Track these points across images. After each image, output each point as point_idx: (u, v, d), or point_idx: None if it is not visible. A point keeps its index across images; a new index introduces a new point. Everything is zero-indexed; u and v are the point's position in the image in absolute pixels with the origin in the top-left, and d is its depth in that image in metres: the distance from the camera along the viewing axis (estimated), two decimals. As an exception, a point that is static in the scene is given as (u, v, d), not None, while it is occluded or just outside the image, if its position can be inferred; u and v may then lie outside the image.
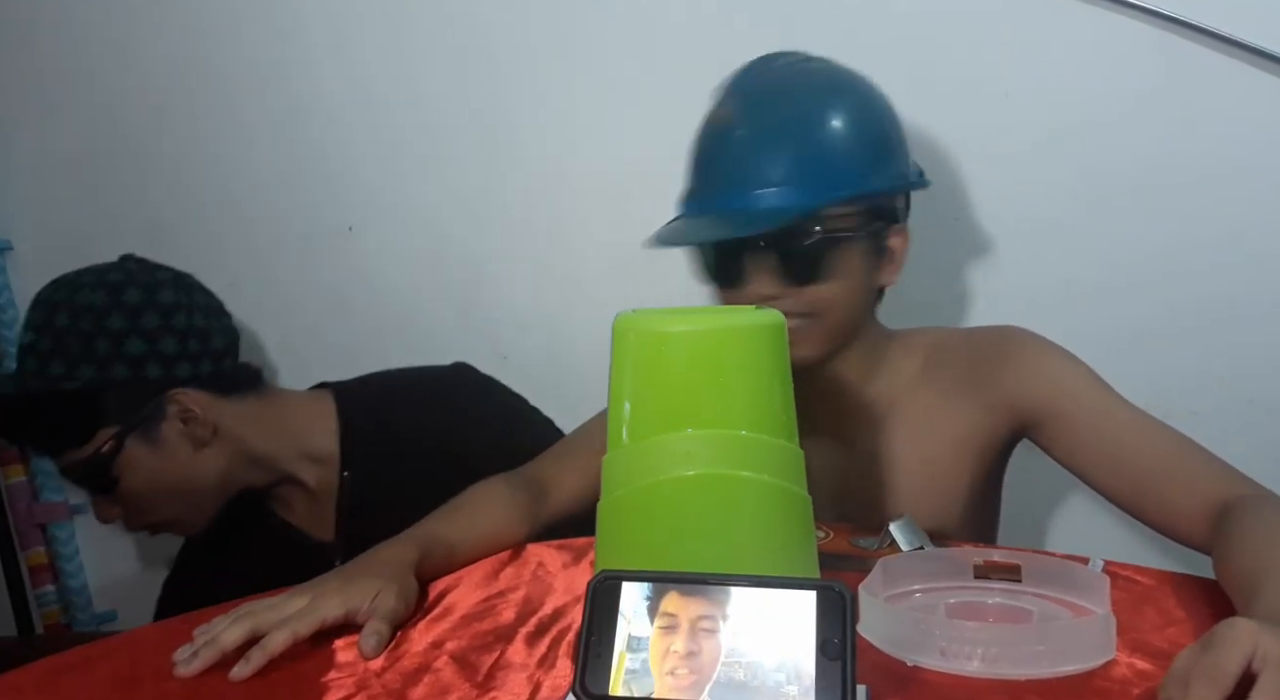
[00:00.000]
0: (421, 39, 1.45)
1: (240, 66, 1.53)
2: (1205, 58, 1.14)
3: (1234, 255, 1.17)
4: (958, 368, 1.00)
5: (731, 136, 0.95)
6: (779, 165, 0.92)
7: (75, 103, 1.61)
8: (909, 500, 1.00)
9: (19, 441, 1.17)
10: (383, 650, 0.76)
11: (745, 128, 0.94)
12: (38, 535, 1.70)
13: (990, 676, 0.65)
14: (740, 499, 0.66)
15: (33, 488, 1.70)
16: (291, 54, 1.49)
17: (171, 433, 1.17)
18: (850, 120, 0.95)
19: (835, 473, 1.02)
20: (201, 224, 1.59)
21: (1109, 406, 0.92)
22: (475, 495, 1.00)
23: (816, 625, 0.55)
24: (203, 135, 1.57)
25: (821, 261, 0.93)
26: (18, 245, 1.66)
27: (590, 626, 0.57)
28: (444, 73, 1.43)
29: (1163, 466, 0.87)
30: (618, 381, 0.69)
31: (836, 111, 0.95)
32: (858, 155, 0.94)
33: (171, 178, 1.58)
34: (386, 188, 1.50)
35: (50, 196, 1.65)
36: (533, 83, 1.39)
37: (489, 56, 1.41)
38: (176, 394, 1.16)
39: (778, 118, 0.94)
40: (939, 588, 0.79)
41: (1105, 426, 0.91)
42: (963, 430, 0.99)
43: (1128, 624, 0.71)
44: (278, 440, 1.23)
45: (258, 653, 0.73)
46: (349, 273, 1.51)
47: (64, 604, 1.73)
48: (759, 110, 0.95)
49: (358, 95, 1.48)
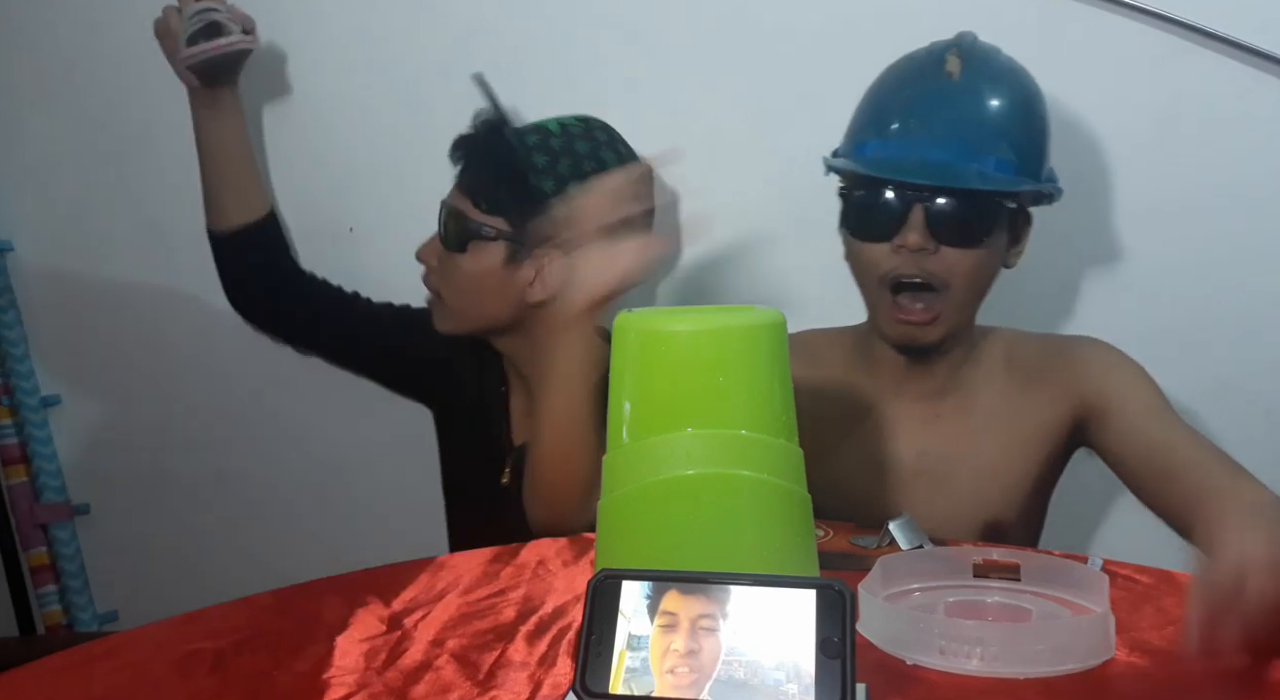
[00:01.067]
0: (423, 39, 1.45)
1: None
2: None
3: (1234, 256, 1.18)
4: (1035, 365, 1.07)
5: (957, 96, 1.01)
6: (998, 137, 0.99)
7: (75, 103, 1.60)
8: (979, 486, 1.06)
9: (475, 174, 1.24)
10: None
11: (972, 92, 1.01)
12: (39, 535, 1.70)
13: (989, 675, 0.65)
14: (740, 498, 0.67)
15: (34, 488, 1.70)
16: (292, 54, 1.49)
17: (525, 271, 1.22)
18: (1044, 109, 1.04)
19: (914, 449, 1.08)
20: (202, 225, 1.58)
21: (1166, 417, 0.98)
22: None
23: (816, 624, 0.55)
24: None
25: (978, 226, 0.99)
26: (18, 245, 1.66)
27: (590, 625, 0.57)
28: (445, 73, 1.43)
29: (1208, 484, 0.89)
30: (617, 381, 0.69)
31: (1041, 104, 1.04)
32: (1044, 142, 1.04)
33: (172, 178, 1.58)
34: (388, 189, 1.50)
35: (50, 196, 1.65)
36: (534, 83, 1.39)
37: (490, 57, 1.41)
38: (556, 255, 1.19)
39: (1006, 94, 1.02)
40: (938, 587, 0.79)
41: (1160, 432, 0.96)
42: (1033, 426, 1.06)
43: (1127, 623, 0.71)
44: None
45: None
46: (350, 274, 1.51)
47: (65, 604, 1.73)
48: (989, 81, 1.02)
49: (359, 96, 1.48)
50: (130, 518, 1.71)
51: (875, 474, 1.08)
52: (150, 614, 0.83)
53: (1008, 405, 1.07)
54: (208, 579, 1.32)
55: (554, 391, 1.06)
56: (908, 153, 1.00)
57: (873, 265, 1.02)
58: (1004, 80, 1.03)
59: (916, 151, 0.99)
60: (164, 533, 1.70)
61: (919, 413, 1.09)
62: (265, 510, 1.65)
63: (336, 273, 1.45)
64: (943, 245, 0.99)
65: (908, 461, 1.08)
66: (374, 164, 1.50)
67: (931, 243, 0.98)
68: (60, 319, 1.68)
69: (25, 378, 1.67)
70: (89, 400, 1.70)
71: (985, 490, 1.06)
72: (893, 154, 1.01)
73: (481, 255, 1.22)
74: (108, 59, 1.57)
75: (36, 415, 1.68)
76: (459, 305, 1.27)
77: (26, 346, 1.67)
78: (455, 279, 1.25)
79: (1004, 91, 1.02)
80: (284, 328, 1.45)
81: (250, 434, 1.64)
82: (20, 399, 1.67)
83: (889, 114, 1.03)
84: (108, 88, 1.59)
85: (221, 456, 1.65)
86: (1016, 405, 1.07)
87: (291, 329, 1.45)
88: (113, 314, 1.66)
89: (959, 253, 0.99)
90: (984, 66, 1.02)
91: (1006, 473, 1.06)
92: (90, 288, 1.66)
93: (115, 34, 1.56)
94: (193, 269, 1.56)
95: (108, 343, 1.67)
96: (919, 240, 0.98)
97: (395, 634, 0.78)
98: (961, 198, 0.98)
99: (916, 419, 1.09)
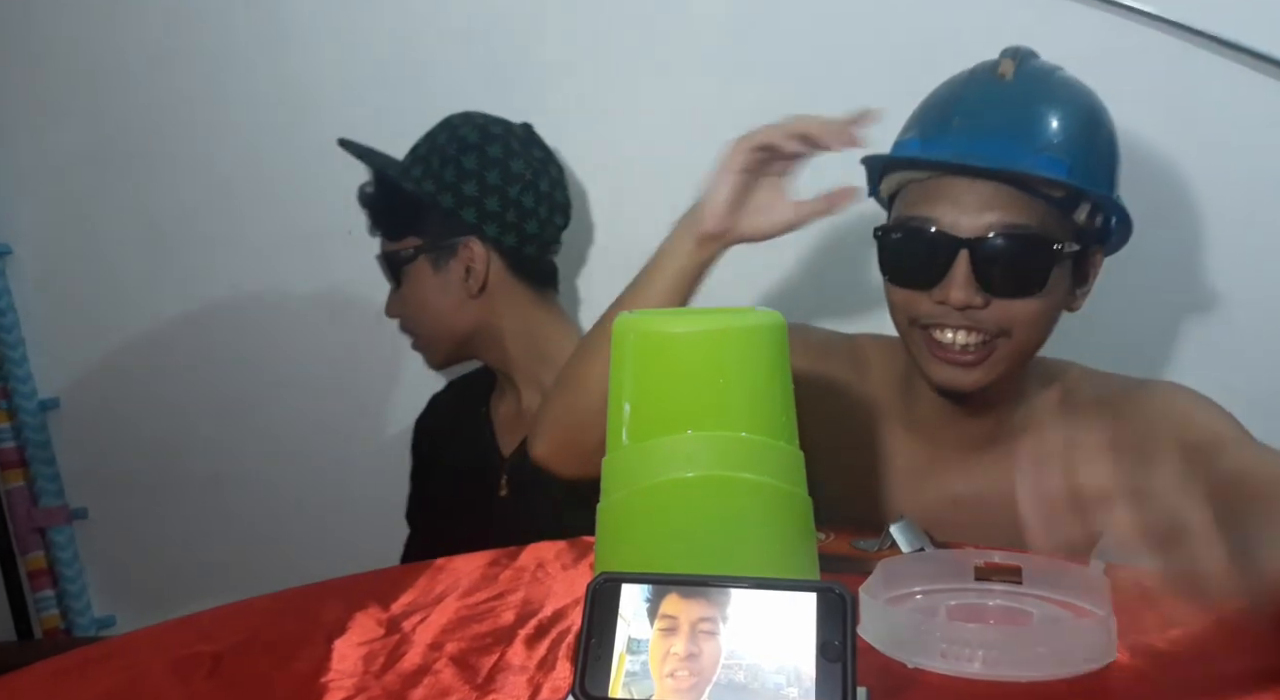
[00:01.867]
0: (424, 39, 1.45)
1: (241, 68, 1.53)
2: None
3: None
4: (1098, 408, 0.95)
5: (1009, 93, 0.92)
6: (1052, 136, 0.89)
7: (74, 105, 1.61)
8: (1017, 542, 0.96)
9: (373, 212, 1.34)
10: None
11: (1026, 91, 0.92)
12: (37, 540, 1.70)
13: (991, 678, 0.65)
14: (741, 501, 0.66)
15: (32, 492, 1.70)
16: (293, 54, 1.50)
17: (453, 270, 1.29)
18: (1109, 130, 0.94)
19: (946, 497, 0.98)
20: (202, 227, 1.59)
21: (1254, 460, 0.82)
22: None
23: (817, 627, 0.55)
24: (203, 138, 1.57)
25: (1039, 273, 0.88)
26: (17, 249, 1.66)
27: (590, 628, 0.57)
28: (445, 73, 1.43)
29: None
30: (617, 382, 0.69)
31: (1107, 124, 0.94)
32: (1109, 163, 0.93)
33: (171, 181, 1.58)
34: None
35: (50, 198, 1.65)
36: (536, 85, 1.39)
37: (491, 57, 1.41)
38: (472, 243, 1.27)
39: (1063, 99, 0.92)
40: (939, 589, 0.79)
41: (1242, 478, 0.79)
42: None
43: (1128, 626, 0.71)
44: (524, 338, 1.31)
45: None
46: (350, 276, 1.51)
47: (63, 609, 1.73)
48: (1044, 84, 0.93)
49: (359, 96, 1.48)
50: (128, 522, 1.71)
51: (891, 516, 0.97)
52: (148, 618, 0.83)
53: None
54: (206, 582, 1.32)
55: (634, 286, 0.97)
56: (950, 148, 0.90)
57: (909, 309, 0.92)
58: (1061, 87, 0.93)
59: (960, 146, 0.89)
60: (162, 537, 1.70)
61: (958, 458, 0.99)
62: (263, 514, 1.65)
63: (337, 273, 1.46)
64: (995, 297, 0.88)
65: (938, 511, 0.97)
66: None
67: (980, 296, 0.87)
68: (60, 321, 1.68)
69: (24, 381, 1.67)
70: (88, 404, 1.70)
71: (1024, 547, 0.96)
72: (933, 151, 0.91)
73: (415, 279, 1.30)
74: (108, 63, 1.58)
75: (35, 419, 1.68)
76: (428, 333, 1.33)
77: (25, 349, 1.67)
78: (411, 311, 1.33)
79: (1061, 97, 0.92)
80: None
81: (250, 436, 1.64)
82: (19, 402, 1.67)
83: (933, 112, 0.94)
84: (108, 91, 1.59)
85: (220, 459, 1.64)
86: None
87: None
88: (113, 316, 1.66)
89: (1024, 301, 0.88)
90: (1039, 71, 0.94)
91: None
92: (90, 289, 1.66)
93: (116, 38, 1.56)
94: (192, 270, 1.57)
95: (107, 345, 1.67)
96: (963, 297, 0.87)
97: (394, 637, 0.78)
98: (1016, 241, 0.87)
99: (955, 465, 0.99)
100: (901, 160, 0.94)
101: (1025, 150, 0.88)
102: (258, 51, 1.49)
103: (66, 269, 1.67)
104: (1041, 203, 0.88)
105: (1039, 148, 0.88)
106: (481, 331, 1.31)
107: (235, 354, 1.60)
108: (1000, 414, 0.97)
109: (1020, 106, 0.91)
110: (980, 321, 0.89)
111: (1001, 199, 0.88)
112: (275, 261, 1.57)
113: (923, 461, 0.99)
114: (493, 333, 1.31)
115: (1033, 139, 0.88)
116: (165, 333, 1.64)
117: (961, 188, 0.89)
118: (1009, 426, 0.97)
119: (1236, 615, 0.60)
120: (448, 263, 1.28)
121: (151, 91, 1.55)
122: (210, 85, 1.55)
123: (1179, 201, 1.21)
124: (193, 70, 1.55)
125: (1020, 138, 0.88)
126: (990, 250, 0.87)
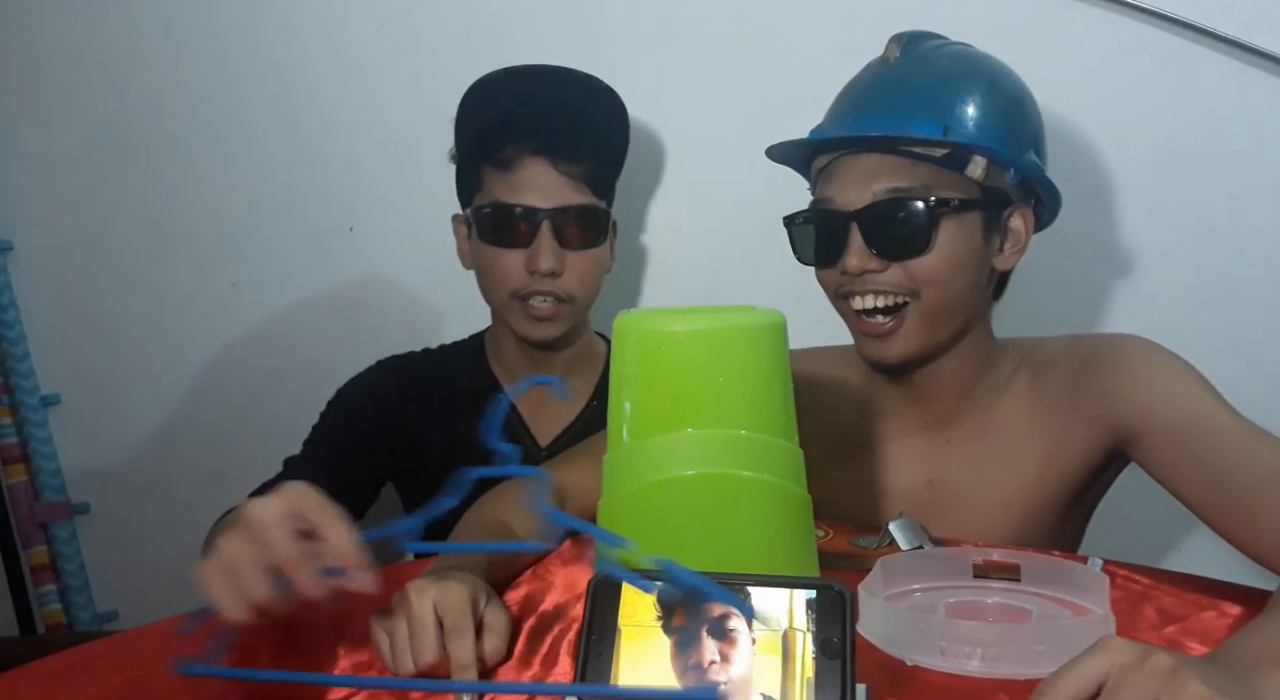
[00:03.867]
0: (424, 38, 1.45)
1: (242, 67, 1.53)
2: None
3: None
4: (1061, 377, 0.96)
5: (888, 74, 0.96)
6: (925, 102, 0.92)
7: (76, 103, 1.61)
8: (995, 517, 0.97)
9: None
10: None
11: (903, 69, 0.96)
12: (39, 534, 1.70)
13: (990, 676, 0.65)
14: (740, 498, 0.67)
15: (34, 487, 1.70)
16: (294, 54, 1.49)
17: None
18: (1008, 93, 0.96)
19: (920, 480, 1.00)
20: (203, 225, 1.59)
21: (1214, 420, 0.84)
22: (490, 514, 0.93)
23: (816, 624, 0.55)
24: (204, 136, 1.57)
25: (923, 231, 0.91)
26: (19, 245, 1.66)
27: (590, 624, 0.57)
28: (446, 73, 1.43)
29: (1260, 487, 0.79)
30: (618, 381, 0.69)
31: (1001, 78, 0.96)
32: (1007, 122, 0.94)
33: (173, 178, 1.58)
34: (388, 189, 1.50)
35: (51, 196, 1.65)
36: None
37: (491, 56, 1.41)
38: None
39: (943, 67, 0.96)
40: (938, 587, 0.79)
41: (1206, 440, 0.84)
42: (1057, 445, 0.95)
43: (1126, 624, 0.71)
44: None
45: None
46: (351, 274, 1.51)
47: (65, 603, 1.73)
48: (924, 59, 0.96)
49: (360, 96, 1.48)
50: (130, 517, 1.71)
51: (875, 507, 1.01)
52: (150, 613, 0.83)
53: (1030, 428, 0.97)
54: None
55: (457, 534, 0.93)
56: (837, 131, 0.95)
57: (828, 285, 0.97)
58: (945, 59, 0.96)
59: (845, 126, 0.95)
60: (164, 532, 1.70)
61: (924, 441, 1.01)
62: (265, 510, 1.65)
63: (336, 273, 1.46)
64: (888, 260, 0.92)
65: (914, 494, 1.00)
66: (374, 164, 1.50)
67: (876, 262, 0.92)
68: (62, 317, 1.68)
69: (25, 377, 1.67)
70: (89, 400, 1.70)
71: (1002, 521, 0.96)
72: (820, 134, 0.96)
73: (601, 240, 1.21)
74: (108, 60, 1.58)
75: (37, 414, 1.68)
76: (588, 295, 1.23)
77: (27, 345, 1.68)
78: (584, 270, 1.20)
79: (942, 68, 0.95)
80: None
81: (250, 434, 1.64)
82: (20, 398, 1.68)
83: (833, 105, 0.99)
84: (108, 88, 1.59)
85: (221, 456, 1.64)
86: (1036, 426, 0.96)
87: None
88: (113, 314, 1.66)
89: (921, 259, 0.91)
90: (922, 48, 0.97)
91: (1027, 502, 0.96)
92: (90, 288, 1.66)
93: (116, 35, 1.56)
94: (192, 269, 1.57)
95: (108, 343, 1.67)
96: (858, 263, 0.92)
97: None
98: (896, 204, 0.90)
99: (922, 447, 1.01)
100: (805, 149, 0.98)
101: (901, 118, 0.92)
102: (258, 50, 1.49)
103: (68, 265, 1.67)
104: (925, 165, 0.91)
105: (914, 114, 0.92)
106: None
107: (237, 350, 1.60)
108: (958, 386, 0.99)
109: (899, 82, 0.96)
110: (883, 285, 0.93)
111: (887, 168, 0.92)
112: (276, 260, 1.57)
113: (891, 447, 1.02)
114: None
115: (911, 108, 0.92)
116: (166, 329, 1.64)
117: (849, 164, 0.94)
118: (972, 400, 1.00)
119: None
120: (605, 231, 1.22)
121: (152, 90, 1.55)
122: (212, 84, 1.55)
123: (1178, 201, 1.21)
124: (195, 69, 1.55)
125: (899, 109, 0.93)
126: (873, 216, 0.92)
